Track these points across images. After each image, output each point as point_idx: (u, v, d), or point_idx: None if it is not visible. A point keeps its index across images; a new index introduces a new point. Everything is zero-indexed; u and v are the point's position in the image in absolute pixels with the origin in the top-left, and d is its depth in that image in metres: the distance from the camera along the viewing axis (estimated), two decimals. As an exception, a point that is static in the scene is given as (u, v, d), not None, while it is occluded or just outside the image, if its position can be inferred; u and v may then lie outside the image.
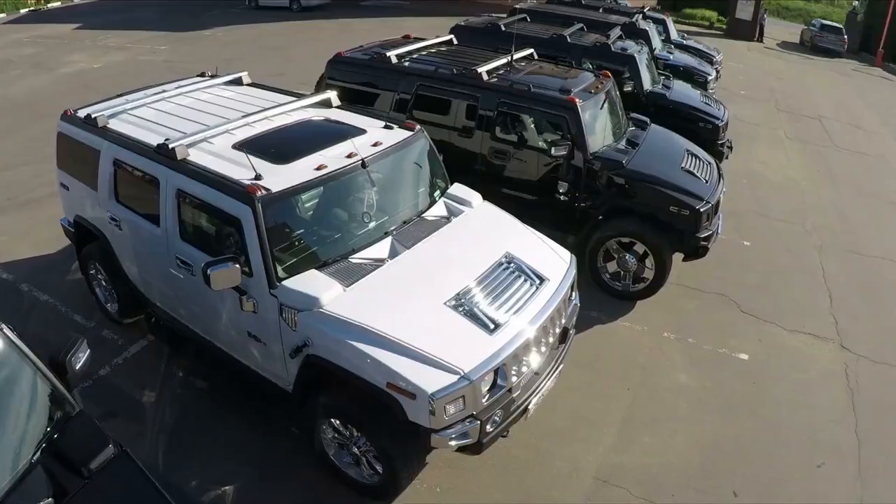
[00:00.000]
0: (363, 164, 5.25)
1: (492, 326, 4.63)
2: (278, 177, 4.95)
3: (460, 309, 4.73)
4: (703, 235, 7.23)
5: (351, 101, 8.39)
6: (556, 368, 5.29)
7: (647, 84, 10.65)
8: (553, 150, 7.13)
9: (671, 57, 14.00)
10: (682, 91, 11.09)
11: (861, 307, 8.21)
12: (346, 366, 4.45)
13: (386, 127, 5.90)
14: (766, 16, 24.76)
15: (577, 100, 7.31)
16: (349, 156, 5.24)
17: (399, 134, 5.83)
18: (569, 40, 10.81)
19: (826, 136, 15.19)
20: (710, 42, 23.18)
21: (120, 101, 6.48)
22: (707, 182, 7.55)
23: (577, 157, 7.31)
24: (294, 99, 6.35)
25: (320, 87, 8.98)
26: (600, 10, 16.19)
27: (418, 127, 5.99)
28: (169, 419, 5.77)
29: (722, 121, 10.54)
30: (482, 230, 5.76)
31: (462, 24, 11.67)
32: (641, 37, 13.45)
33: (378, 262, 5.09)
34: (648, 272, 7.41)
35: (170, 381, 6.19)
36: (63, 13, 28.49)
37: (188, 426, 5.69)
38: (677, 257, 7.61)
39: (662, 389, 6.44)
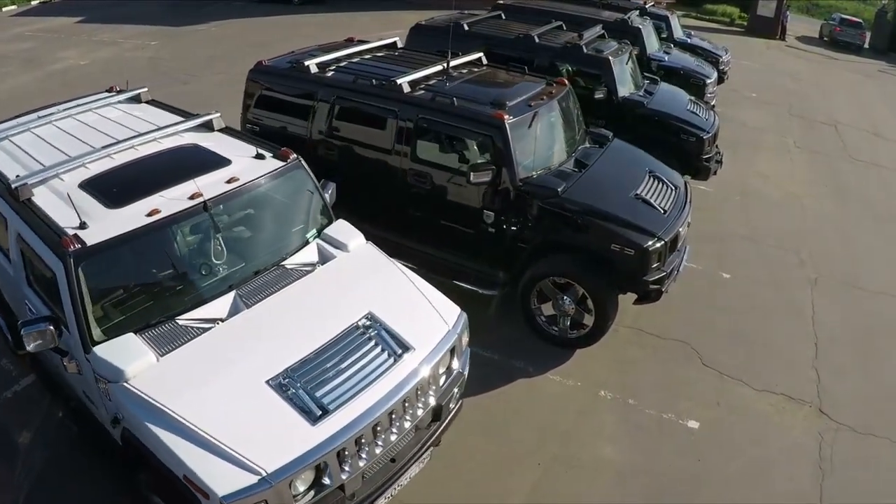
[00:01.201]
0: (205, 207, 4.52)
1: (317, 413, 3.82)
2: (103, 225, 4.34)
3: (284, 390, 3.89)
4: (652, 278, 6.01)
5: (277, 113, 7.49)
6: (422, 454, 4.27)
7: (623, 90, 9.36)
8: (472, 176, 5.98)
9: (666, 58, 12.63)
10: (665, 98, 9.76)
11: (852, 359, 6.90)
12: (151, 448, 3.78)
13: (257, 156, 5.12)
14: (788, 13, 22.98)
15: (505, 116, 6.14)
16: (192, 196, 4.53)
17: (268, 165, 5.08)
18: (537, 41, 9.57)
19: (840, 145, 13.64)
20: (730, 40, 21.65)
21: (8, 124, 5.79)
22: (665, 213, 6.30)
23: (505, 183, 6.16)
24: (175, 122, 5.57)
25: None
26: (598, 6, 14.89)
27: (294, 156, 5.18)
28: (38, 467, 5.04)
29: (708, 132, 9.20)
30: (348, 282, 4.77)
31: (423, 23, 10.52)
32: (632, 35, 12.16)
33: (210, 324, 4.29)
34: (588, 318, 6.22)
35: (48, 423, 5.46)
36: (69, 6, 27.85)
37: (51, 481, 4.91)
38: (629, 297, 6.41)
39: (581, 465, 5.27)
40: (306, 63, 7.25)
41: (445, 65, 7.17)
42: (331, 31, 11.00)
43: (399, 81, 6.62)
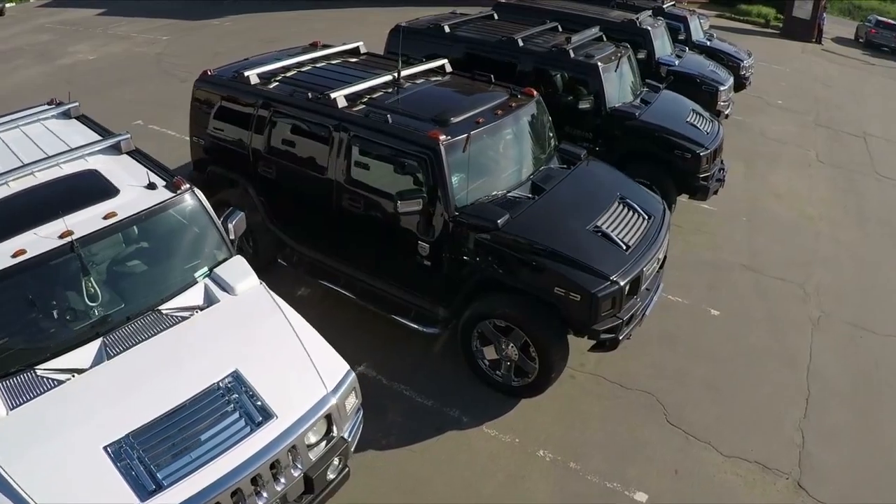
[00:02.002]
0: (72, 248, 4.12)
1: (150, 488, 3.36)
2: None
3: (120, 458, 3.44)
4: (602, 327, 5.19)
5: (220, 127, 6.98)
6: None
7: (615, 100, 8.48)
8: (399, 205, 5.25)
9: (677, 62, 11.61)
10: (661, 109, 8.82)
11: (846, 419, 5.96)
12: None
13: (149, 186, 4.66)
14: (825, 15, 21.44)
15: (441, 136, 5.38)
16: (63, 235, 4.15)
17: (157, 196, 4.60)
18: (520, 44, 8.75)
19: (868, 159, 12.42)
20: (763, 43, 20.34)
21: None
22: (628, 249, 5.45)
23: (439, 211, 5.41)
24: (87, 143, 5.09)
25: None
26: (612, 5, 13.94)
27: (185, 186, 4.73)
28: None
29: (706, 148, 8.25)
30: (223, 333, 4.20)
31: (403, 24, 9.77)
32: (640, 37, 11.22)
33: (68, 375, 3.85)
34: (532, 366, 5.43)
35: None
36: (94, -3, 27.88)
37: None
38: (585, 341, 5.60)
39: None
40: (246, 74, 6.65)
41: (396, 75, 6.44)
42: (343, 27, 10.37)
43: (333, 95, 5.94)
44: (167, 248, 4.67)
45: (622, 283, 5.12)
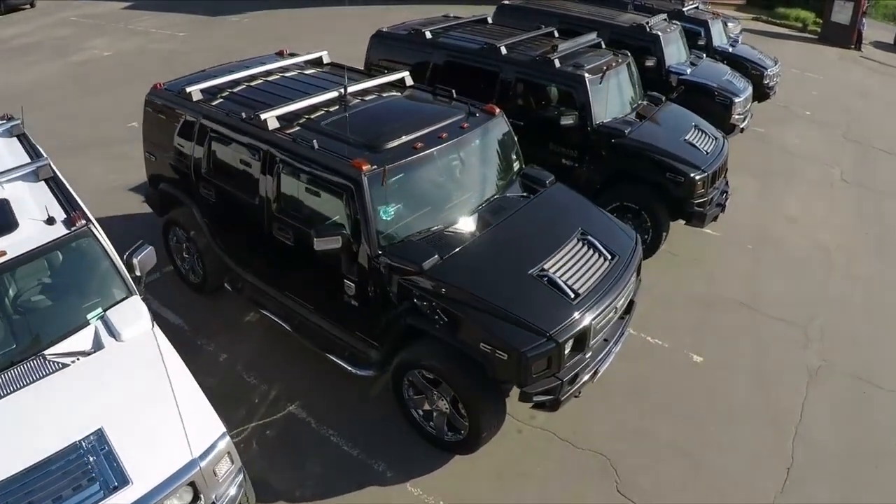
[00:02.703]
0: None
1: None
2: None
3: None
4: (536, 389, 4.49)
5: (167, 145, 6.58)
6: None
7: (602, 115, 7.69)
8: (316, 242, 4.66)
9: (688, 71, 10.72)
10: (656, 125, 8.00)
11: (830, 495, 5.14)
12: None
13: (48, 221, 4.35)
14: (865, 21, 19.94)
15: (365, 166, 4.75)
16: None
17: (52, 233, 4.28)
18: (503, 52, 8.02)
19: (900, 181, 11.31)
20: (799, 48, 19.06)
21: None
22: (575, 297, 4.73)
23: (364, 249, 4.79)
24: (3, 170, 4.75)
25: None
26: (628, 8, 13.07)
27: (82, 223, 4.35)
28: None
29: (703, 171, 7.40)
30: (97, 385, 3.88)
31: (384, 30, 9.17)
32: (649, 43, 10.38)
33: None
34: (462, 423, 4.78)
35: None
36: (122, -9, 27.95)
37: None
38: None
39: None
40: (189, 90, 6.17)
41: (342, 90, 5.83)
42: (359, 25, 9.85)
43: (264, 116, 5.39)
44: (61, 287, 4.40)
45: (561, 341, 4.42)
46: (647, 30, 10.65)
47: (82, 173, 10.02)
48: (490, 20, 9.88)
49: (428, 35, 8.56)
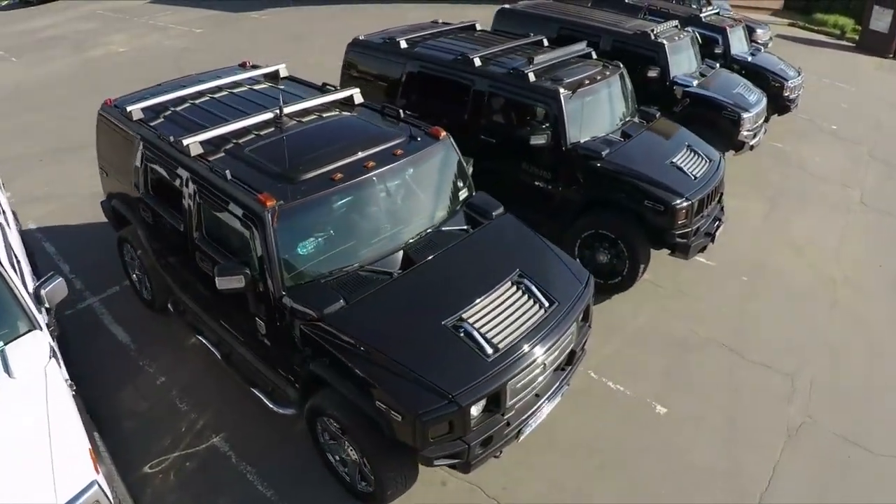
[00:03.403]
0: None
1: None
2: None
3: None
4: (438, 453, 3.98)
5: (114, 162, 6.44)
6: None
7: (576, 135, 7.05)
8: (217, 281, 4.25)
9: (694, 83, 9.94)
10: (640, 145, 7.30)
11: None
12: None
13: None
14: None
15: (270, 202, 4.32)
16: None
17: None
18: (476, 64, 7.44)
19: (927, 207, 10.31)
20: (834, 57, 17.87)
21: None
22: (495, 352, 4.19)
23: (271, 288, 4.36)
24: None
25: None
26: (641, 14, 12.32)
27: None
28: None
29: (686, 199, 6.69)
30: None
31: (360, 39, 8.67)
32: (653, 52, 9.66)
33: None
34: (369, 476, 4.31)
35: None
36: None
37: None
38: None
39: None
40: (129, 108, 5.88)
41: (278, 111, 5.40)
42: (378, 24, 9.50)
43: (187, 142, 5.01)
44: None
45: (465, 403, 3.88)
46: (652, 38, 9.90)
47: (75, 175, 9.87)
48: (478, 26, 9.23)
49: (402, 44, 8.04)
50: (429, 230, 5.05)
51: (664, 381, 6.15)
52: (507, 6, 11.33)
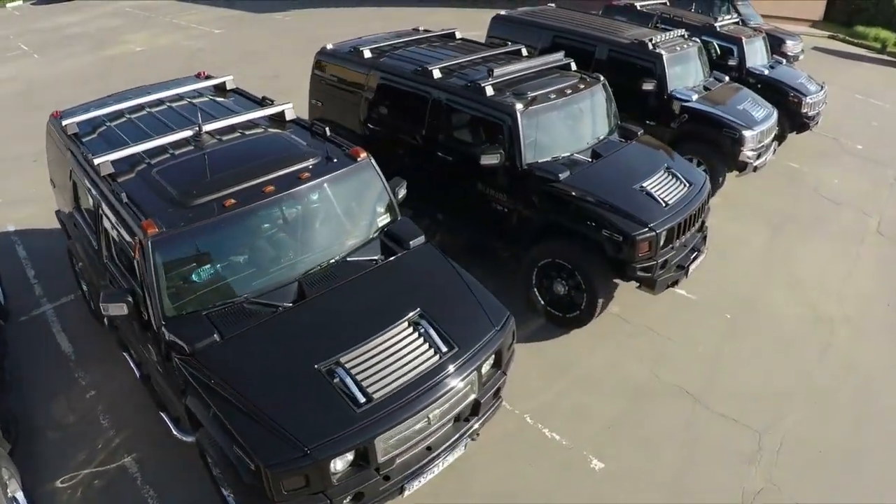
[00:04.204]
0: None
1: None
2: None
3: None
4: None
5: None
6: None
7: (533, 154, 6.46)
8: (101, 306, 4.16)
9: (694, 97, 9.19)
10: (607, 167, 6.62)
11: None
12: None
13: None
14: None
15: (151, 229, 4.10)
16: None
17: None
18: (436, 76, 6.92)
19: (953, 239, 9.29)
20: (870, 71, 16.69)
21: None
22: (368, 401, 3.73)
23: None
24: None
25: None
26: (653, 22, 11.63)
27: None
28: None
29: (650, 230, 6.01)
30: None
31: (327, 48, 8.26)
32: (650, 64, 9.00)
33: None
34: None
35: None
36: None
37: None
38: None
39: None
40: (65, 123, 5.70)
41: (197, 128, 5.08)
42: (402, 26, 9.23)
43: (97, 161, 4.77)
44: None
45: (322, 457, 3.49)
46: (649, 47, 9.19)
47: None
48: (458, 34, 8.70)
49: (367, 54, 7.58)
50: (333, 260, 4.59)
51: (609, 431, 5.53)
52: (502, 13, 10.75)
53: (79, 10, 23.98)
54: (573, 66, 7.58)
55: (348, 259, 4.68)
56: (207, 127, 5.21)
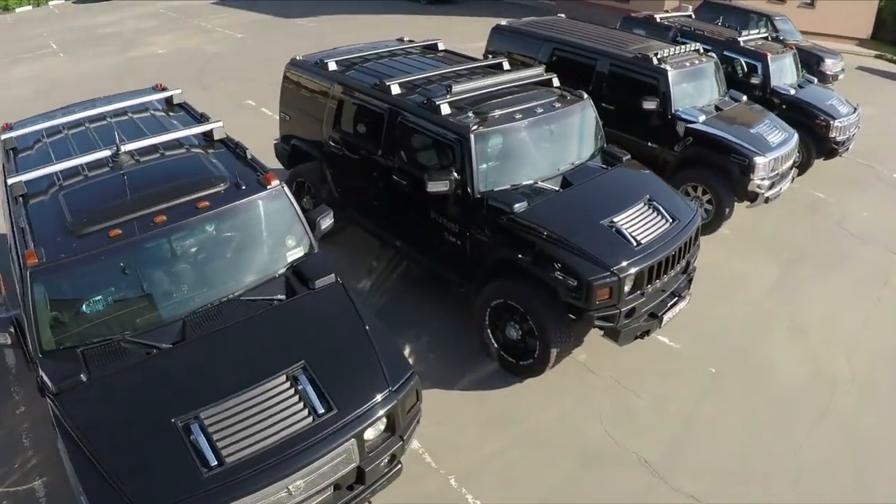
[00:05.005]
0: None
1: None
2: None
3: None
4: None
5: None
6: None
7: (488, 181, 5.77)
8: None
9: (700, 119, 8.35)
10: (576, 200, 5.92)
11: None
12: None
13: None
14: None
15: (31, 259, 3.89)
16: None
17: None
18: (393, 92, 6.32)
19: None
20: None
21: None
22: (218, 466, 3.26)
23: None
24: None
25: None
26: (671, 34, 10.83)
27: None
28: None
29: (613, 276, 5.21)
30: None
31: (297, 58, 7.76)
32: (653, 80, 8.25)
33: None
34: None
35: None
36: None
37: None
38: None
39: None
40: (2, 137, 5.49)
41: (115, 148, 4.71)
42: (426, 35, 8.80)
43: (11, 181, 4.55)
44: None
45: None
46: (654, 62, 8.38)
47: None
48: (441, 46, 8.07)
49: (331, 66, 7.04)
50: (226, 298, 4.08)
51: (544, 501, 4.79)
52: (502, 23, 10.07)
53: (116, 10, 24.33)
54: (556, 82, 6.83)
55: (243, 298, 4.20)
56: (127, 147, 4.87)
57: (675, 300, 5.92)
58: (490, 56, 9.66)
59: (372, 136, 6.49)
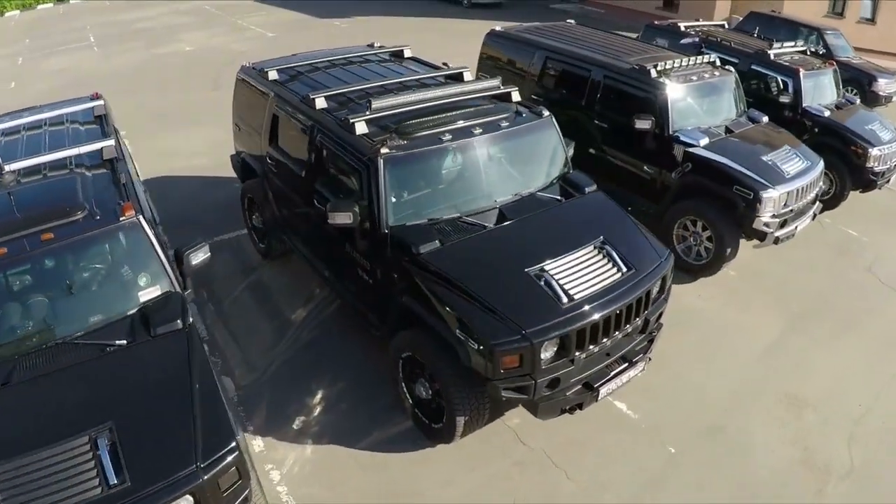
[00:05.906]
0: None
1: None
2: None
3: None
4: None
5: None
6: None
7: (400, 215, 4.94)
8: None
9: (702, 142, 7.24)
10: (501, 243, 4.94)
11: None
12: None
13: None
14: None
15: None
16: None
17: None
18: (318, 107, 5.58)
19: None
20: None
21: None
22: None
23: None
24: None
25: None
26: (694, 48, 9.75)
27: None
28: None
29: (522, 339, 4.22)
30: None
31: (246, 66, 7.18)
32: (648, 95, 7.28)
33: None
34: None
35: None
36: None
37: None
38: None
39: None
40: None
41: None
42: (448, 41, 8.11)
43: None
44: None
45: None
46: (652, 74, 7.33)
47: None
48: (408, 53, 7.26)
49: (272, 75, 6.37)
50: (61, 340, 3.53)
51: None
52: (497, 28, 9.17)
53: (159, 5, 24.60)
54: (515, 96, 5.91)
55: (78, 341, 3.82)
56: (12, 166, 4.56)
57: (623, 367, 4.91)
58: (487, 61, 8.90)
59: (299, 156, 5.77)
